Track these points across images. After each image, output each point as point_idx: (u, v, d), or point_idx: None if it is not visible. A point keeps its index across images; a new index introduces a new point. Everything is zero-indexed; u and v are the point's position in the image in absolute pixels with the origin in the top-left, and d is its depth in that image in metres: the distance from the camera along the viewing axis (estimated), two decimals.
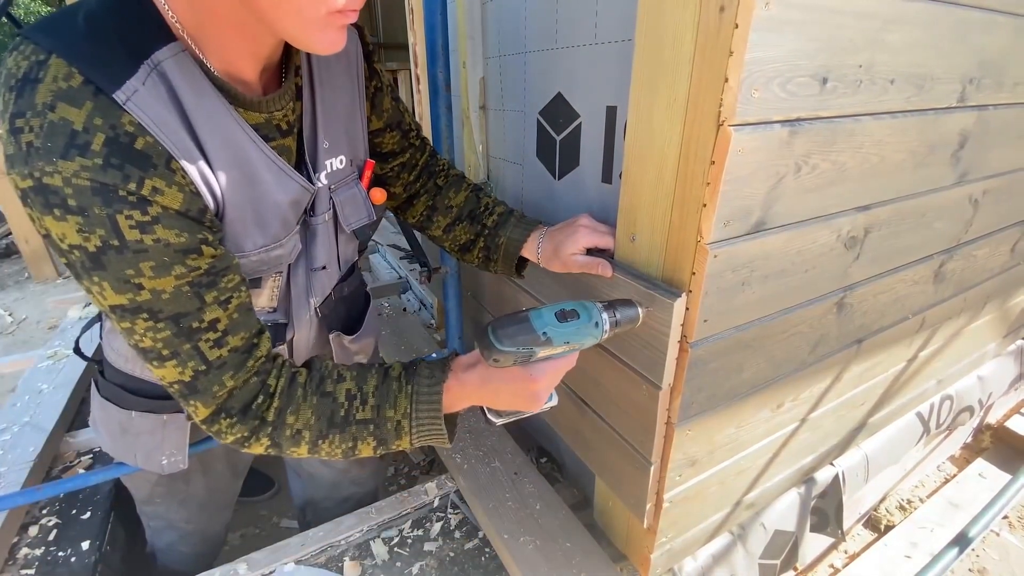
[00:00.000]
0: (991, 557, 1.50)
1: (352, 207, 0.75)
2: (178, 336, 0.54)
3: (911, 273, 1.01)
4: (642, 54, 0.65)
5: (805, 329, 0.86)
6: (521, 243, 0.84)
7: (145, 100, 0.48)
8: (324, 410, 0.62)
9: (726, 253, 0.66)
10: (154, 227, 0.49)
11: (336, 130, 0.70)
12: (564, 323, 0.60)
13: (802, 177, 0.68)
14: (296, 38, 0.51)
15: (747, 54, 0.53)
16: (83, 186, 0.45)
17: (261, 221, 0.61)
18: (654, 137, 0.66)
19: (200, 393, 0.58)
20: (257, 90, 0.59)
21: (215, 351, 0.57)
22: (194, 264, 0.52)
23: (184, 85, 0.51)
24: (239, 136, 0.56)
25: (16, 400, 1.53)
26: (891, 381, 1.21)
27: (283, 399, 0.61)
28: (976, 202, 1.06)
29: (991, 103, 0.92)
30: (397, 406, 0.63)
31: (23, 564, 1.09)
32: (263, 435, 0.62)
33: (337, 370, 0.66)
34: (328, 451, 0.64)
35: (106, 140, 0.45)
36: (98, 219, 0.46)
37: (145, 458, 0.83)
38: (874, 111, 0.71)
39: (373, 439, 0.64)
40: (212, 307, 0.55)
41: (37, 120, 0.44)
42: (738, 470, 0.96)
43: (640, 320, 0.66)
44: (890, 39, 0.66)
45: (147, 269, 0.50)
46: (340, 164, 0.71)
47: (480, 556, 1.05)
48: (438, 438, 0.66)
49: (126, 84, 0.47)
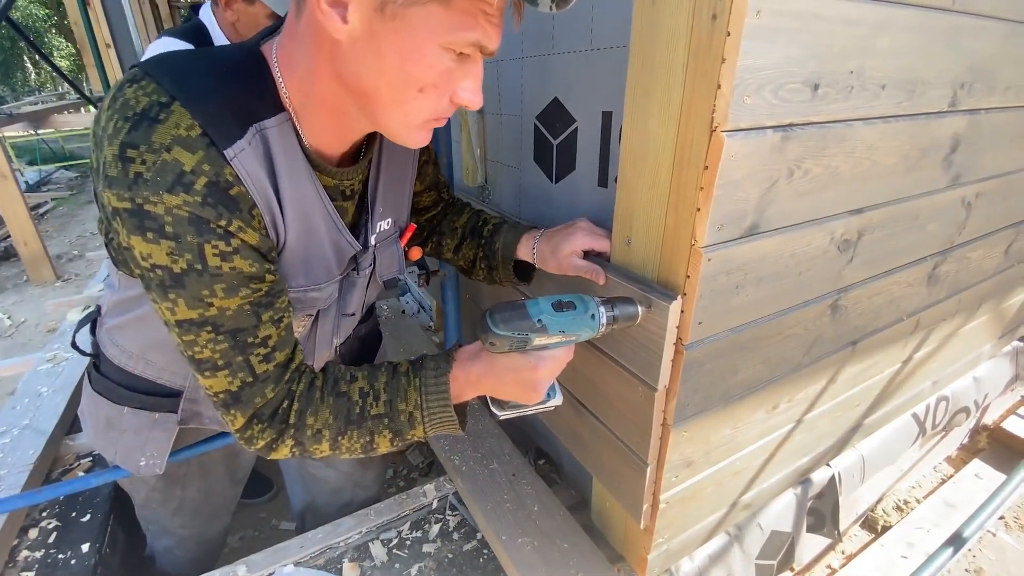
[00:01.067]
0: (987, 557, 1.50)
1: (388, 262, 0.83)
2: (234, 349, 0.60)
3: (905, 275, 1.02)
4: (636, 60, 0.66)
5: (800, 331, 0.87)
6: (515, 245, 0.87)
7: (248, 158, 0.55)
8: (340, 409, 0.67)
9: (720, 256, 0.66)
10: (233, 257, 0.56)
11: (388, 197, 0.78)
12: (560, 312, 0.62)
13: (795, 181, 0.69)
14: (394, 135, 0.61)
15: (739, 61, 0.54)
16: (182, 216, 0.52)
17: (308, 265, 0.68)
18: (648, 142, 0.67)
19: (243, 404, 0.63)
20: (335, 159, 0.67)
21: (263, 365, 0.62)
22: (257, 287, 0.59)
23: (279, 149, 0.59)
24: (311, 194, 0.64)
25: (15, 403, 1.53)
26: (886, 382, 1.22)
27: (302, 402, 0.66)
28: (969, 205, 1.07)
29: (982, 107, 0.93)
30: (408, 398, 0.68)
31: (23, 566, 1.09)
32: (288, 437, 0.66)
33: (349, 371, 0.70)
34: (348, 446, 0.69)
35: (207, 183, 0.52)
36: (188, 246, 0.53)
37: (124, 456, 0.84)
38: (866, 116, 0.73)
39: (389, 431, 0.68)
40: (267, 324, 0.61)
41: (152, 156, 0.50)
42: (734, 471, 0.97)
43: (639, 318, 0.67)
44: (880, 45, 0.67)
45: (220, 291, 0.56)
46: (387, 226, 0.80)
47: (478, 557, 1.06)
48: (450, 426, 0.70)
49: (236, 143, 0.54)
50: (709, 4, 0.55)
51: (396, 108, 0.56)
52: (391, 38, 0.51)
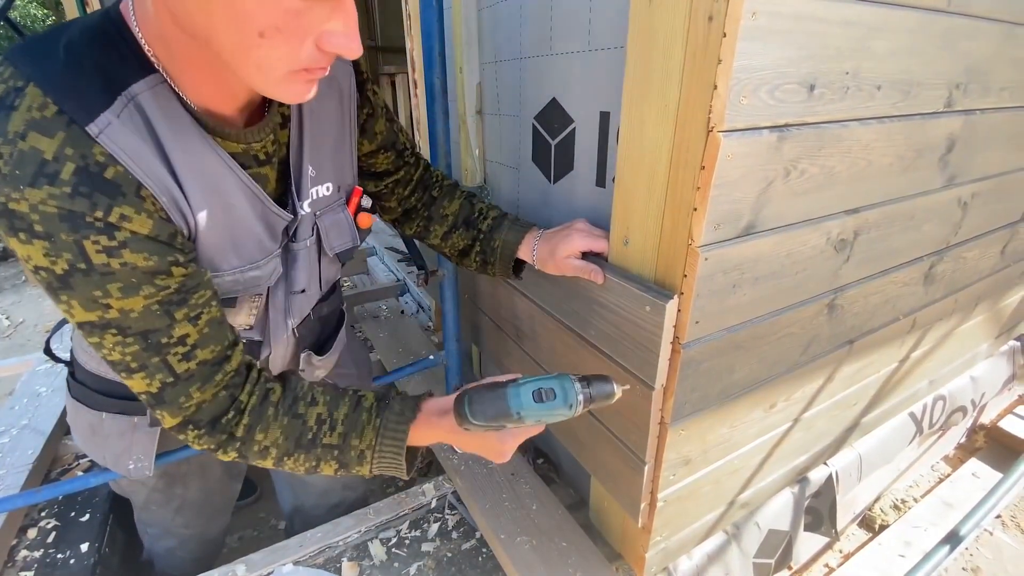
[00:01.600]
0: (985, 556, 1.51)
1: (336, 232, 0.77)
2: (147, 351, 0.55)
3: (901, 275, 1.02)
4: (633, 61, 0.66)
5: (796, 330, 0.87)
6: (516, 245, 0.86)
7: (118, 132, 0.48)
8: (293, 431, 0.65)
9: (717, 256, 0.67)
10: (121, 251, 0.50)
11: (322, 159, 0.71)
12: (539, 404, 0.61)
13: (791, 181, 0.69)
14: (260, 89, 0.52)
15: (735, 62, 0.55)
16: (50, 213, 0.46)
17: (237, 244, 0.63)
18: (646, 142, 0.68)
19: (167, 404, 0.59)
20: (238, 122, 0.60)
21: (183, 364, 0.58)
22: (163, 284, 0.53)
23: (160, 116, 0.51)
24: (216, 165, 0.57)
25: (14, 403, 1.53)
26: (883, 381, 1.23)
27: (253, 416, 0.63)
28: (965, 205, 1.07)
29: (978, 107, 0.94)
30: (363, 436, 0.66)
31: (22, 566, 1.09)
32: (231, 448, 0.64)
33: (311, 393, 0.67)
34: (292, 467, 0.67)
35: (76, 169, 0.46)
36: (65, 244, 0.47)
37: (114, 460, 0.83)
38: (861, 116, 0.73)
39: (336, 462, 0.67)
40: (182, 323, 0.56)
41: (8, 148, 0.44)
42: (732, 469, 0.97)
43: (615, 398, 0.66)
44: (876, 46, 0.68)
45: (115, 290, 0.51)
46: (327, 191, 0.73)
47: (477, 556, 1.06)
48: (396, 471, 0.68)
49: (100, 117, 0.47)
50: (705, 6, 0.55)
51: (243, 56, 0.47)
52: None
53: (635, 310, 0.74)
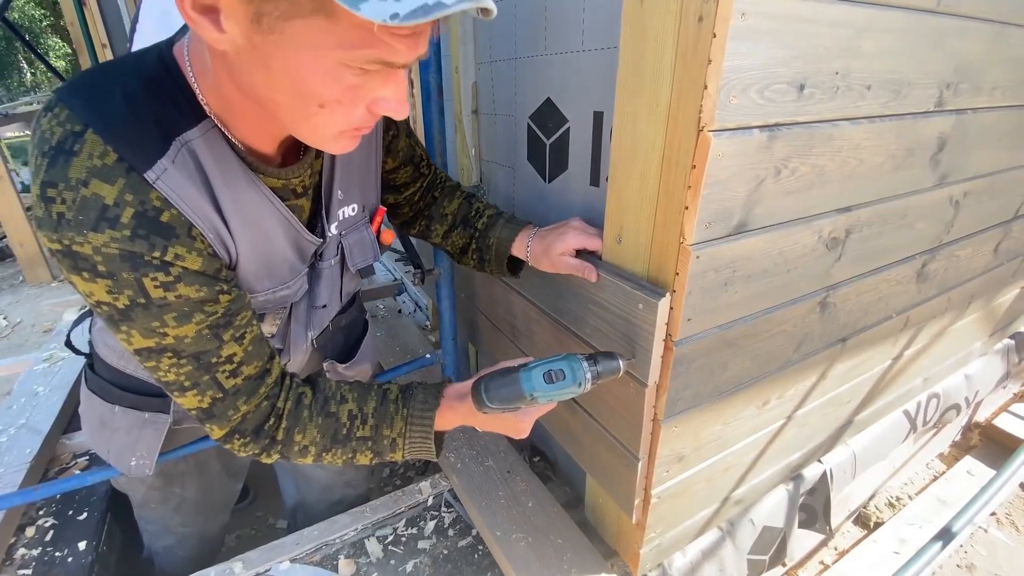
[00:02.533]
0: (979, 553, 1.52)
1: (360, 249, 0.81)
2: (198, 370, 0.60)
3: (894, 273, 1.03)
4: (626, 62, 0.67)
5: (789, 328, 0.88)
6: (510, 242, 0.87)
7: (173, 177, 0.52)
8: (328, 429, 0.69)
9: (708, 254, 0.67)
10: (176, 286, 0.54)
11: (350, 182, 0.75)
12: (551, 384, 0.65)
13: (782, 180, 0.70)
14: (310, 144, 0.58)
15: (725, 62, 0.55)
16: (112, 254, 0.49)
17: (271, 269, 0.67)
18: (638, 142, 0.68)
19: (216, 418, 0.64)
20: (276, 159, 0.65)
21: (231, 380, 0.62)
22: (212, 310, 0.58)
23: (210, 159, 0.55)
24: (257, 199, 0.61)
25: (12, 403, 1.54)
26: (877, 379, 1.23)
27: (290, 420, 0.67)
28: (957, 203, 1.08)
29: (969, 107, 0.95)
30: (393, 426, 0.71)
31: (20, 564, 1.09)
32: (274, 451, 0.69)
33: (340, 391, 0.72)
34: (331, 460, 0.72)
35: (134, 214, 0.50)
36: (126, 282, 0.51)
37: (117, 455, 0.85)
38: (852, 116, 0.74)
39: (370, 452, 0.72)
40: (229, 343, 0.60)
41: (70, 194, 0.47)
42: (725, 466, 0.98)
43: (621, 372, 0.70)
44: (865, 46, 0.68)
45: (170, 320, 0.55)
46: (352, 211, 0.77)
47: (473, 554, 1.07)
48: (427, 453, 0.74)
49: (157, 164, 0.51)
50: (695, 6, 0.56)
51: (301, 122, 0.52)
52: (275, 53, 0.45)
53: (628, 308, 0.75)
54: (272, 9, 0.42)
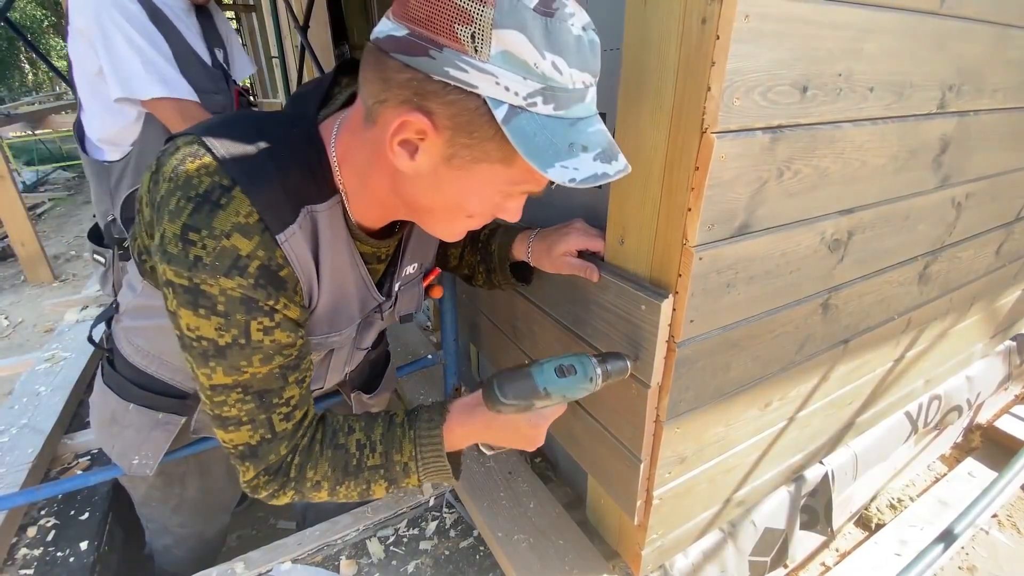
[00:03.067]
0: (980, 555, 1.52)
1: (408, 300, 0.85)
2: (259, 408, 0.62)
3: (896, 274, 1.03)
4: (629, 63, 0.67)
5: (791, 329, 0.88)
6: (509, 245, 0.88)
7: (297, 240, 0.58)
8: (339, 461, 0.70)
9: (711, 256, 0.68)
10: (275, 331, 0.59)
11: (417, 248, 0.80)
12: (563, 378, 0.66)
13: (784, 182, 0.70)
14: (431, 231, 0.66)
15: (728, 64, 0.56)
16: (235, 297, 0.55)
17: (335, 318, 0.71)
18: (641, 143, 0.68)
19: (258, 458, 0.65)
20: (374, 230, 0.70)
21: (283, 423, 0.65)
22: (289, 353, 0.62)
23: (327, 227, 0.62)
24: (348, 261, 0.67)
25: (14, 402, 1.54)
26: (878, 381, 1.23)
27: (303, 456, 0.68)
28: (959, 205, 1.08)
29: (971, 109, 0.95)
30: (403, 450, 0.71)
31: (22, 564, 1.10)
32: (289, 489, 0.69)
33: (347, 423, 0.73)
34: (345, 494, 0.72)
35: (260, 266, 0.55)
36: (236, 322, 0.56)
37: (121, 452, 0.86)
38: (854, 118, 0.74)
39: (384, 480, 0.72)
40: (292, 386, 0.64)
41: (212, 242, 0.52)
42: (727, 468, 0.98)
43: (629, 372, 0.70)
44: (868, 49, 0.69)
45: (256, 360, 0.59)
46: (412, 270, 0.82)
47: (475, 554, 1.07)
48: (443, 474, 0.73)
49: (288, 228, 0.57)
50: (699, 8, 0.56)
51: (445, 223, 0.62)
52: (453, 182, 0.55)
53: (630, 309, 0.75)
54: (466, 154, 0.52)
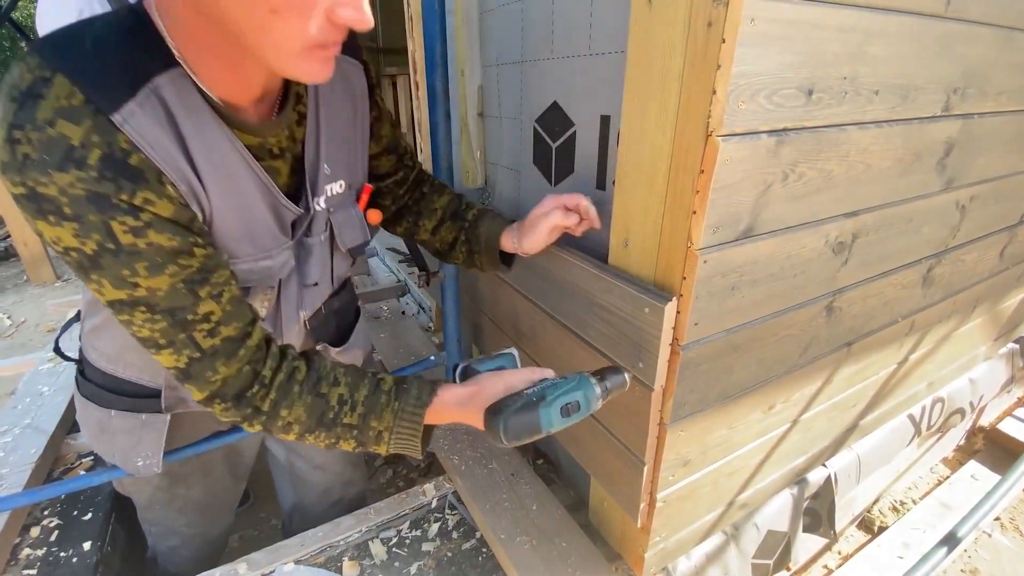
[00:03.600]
0: (983, 558, 1.51)
1: (349, 228, 0.80)
2: (174, 327, 0.58)
3: (899, 277, 1.03)
4: (634, 66, 0.67)
5: (795, 332, 0.88)
6: (500, 230, 0.87)
7: (141, 121, 0.51)
8: (316, 410, 0.67)
9: (716, 258, 0.68)
10: (147, 231, 0.52)
11: (336, 158, 0.74)
12: (567, 417, 0.64)
13: (789, 185, 0.70)
14: (280, 69, 0.54)
15: (734, 67, 0.56)
16: (78, 195, 0.48)
17: (251, 232, 0.65)
18: (645, 146, 0.68)
19: (195, 378, 0.62)
20: (253, 115, 0.63)
21: (208, 340, 0.60)
22: (186, 263, 0.56)
23: (180, 107, 0.54)
24: (231, 155, 0.60)
25: (17, 402, 1.54)
26: (882, 383, 1.23)
27: (279, 393, 0.66)
28: (963, 208, 1.08)
29: (976, 112, 0.95)
30: (382, 418, 0.69)
31: (25, 564, 1.10)
32: (256, 422, 0.66)
33: (334, 373, 0.70)
34: (312, 441, 0.70)
35: (102, 156, 0.49)
36: (93, 225, 0.50)
37: (122, 458, 0.85)
38: (859, 121, 0.74)
39: (354, 440, 0.70)
40: (206, 301, 0.59)
41: (36, 134, 0.47)
42: (730, 470, 0.98)
43: (627, 386, 0.69)
44: (873, 52, 0.68)
45: (142, 269, 0.53)
46: (340, 188, 0.76)
47: (477, 556, 1.07)
48: (412, 451, 0.72)
49: (124, 107, 0.50)
50: (705, 12, 0.56)
51: (260, 35, 0.50)
52: None
53: (634, 312, 0.75)
54: None
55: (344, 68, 0.72)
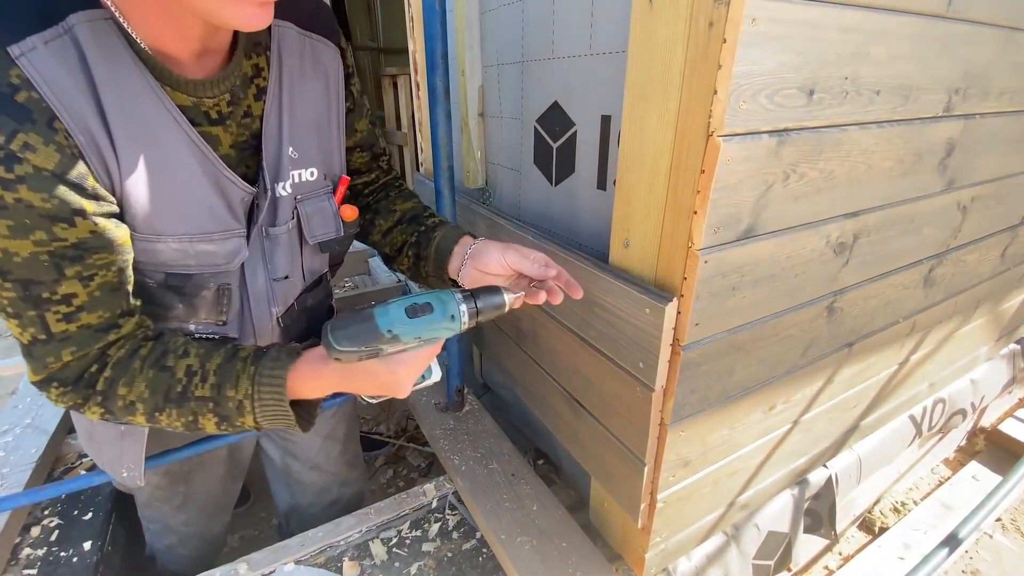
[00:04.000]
0: (984, 559, 1.51)
1: (319, 220, 0.74)
2: (24, 301, 0.52)
3: (901, 278, 1.03)
4: (635, 66, 0.67)
5: (796, 332, 0.88)
6: (455, 241, 0.75)
7: (42, 59, 0.46)
8: (160, 385, 0.60)
9: (716, 259, 0.67)
10: (18, 186, 0.46)
11: (306, 142, 0.69)
12: (414, 319, 0.56)
13: (790, 185, 0.70)
14: (212, 15, 0.48)
15: (735, 67, 0.56)
16: None
17: (182, 206, 0.59)
18: (646, 146, 0.68)
19: (33, 359, 0.56)
20: (196, 73, 0.57)
21: (62, 324, 0.54)
22: (60, 234, 0.50)
23: (96, 52, 0.49)
24: (154, 111, 0.54)
25: (17, 402, 1.54)
26: (883, 384, 1.23)
27: (116, 370, 0.59)
28: (964, 208, 1.08)
29: (977, 112, 0.95)
30: (239, 386, 0.60)
31: (25, 564, 1.10)
32: (94, 404, 0.60)
33: (185, 346, 0.62)
34: (168, 423, 0.62)
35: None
36: None
37: (109, 466, 0.84)
38: (860, 121, 0.74)
39: (214, 415, 0.61)
40: (70, 281, 0.53)
41: None
42: (731, 471, 0.98)
43: (507, 307, 0.60)
44: (875, 52, 0.68)
45: (4, 228, 0.47)
46: (311, 176, 0.71)
47: (478, 556, 1.06)
48: (285, 421, 0.63)
49: (26, 40, 0.45)
50: (706, 12, 0.56)
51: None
52: None
53: (635, 312, 0.75)
54: None
55: (317, 49, 0.69)
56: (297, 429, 0.64)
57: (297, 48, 0.67)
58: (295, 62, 0.67)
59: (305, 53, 0.68)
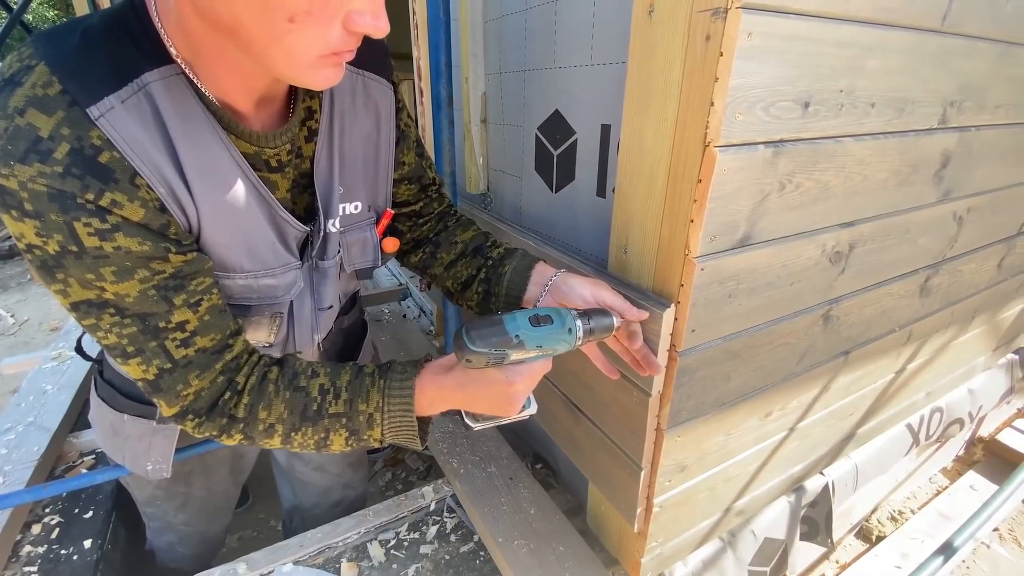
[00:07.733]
0: (981, 568, 1.51)
1: (359, 249, 0.76)
2: (144, 333, 0.55)
3: (897, 287, 1.04)
4: (634, 77, 0.68)
5: (792, 340, 0.89)
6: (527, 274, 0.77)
7: (120, 117, 0.48)
8: (297, 404, 0.63)
9: (713, 266, 0.69)
10: (114, 235, 0.49)
11: (354, 177, 0.71)
12: (537, 327, 0.60)
13: (786, 195, 0.71)
14: (290, 78, 0.51)
15: (731, 80, 0.57)
16: (39, 191, 0.46)
17: (250, 247, 0.62)
18: (645, 155, 0.70)
19: (164, 392, 0.58)
20: (255, 121, 0.60)
21: (181, 350, 0.57)
22: (159, 268, 0.53)
23: (170, 107, 0.51)
24: (223, 159, 0.57)
25: (20, 400, 1.55)
26: (879, 392, 1.24)
27: (253, 396, 0.62)
28: (960, 219, 1.09)
29: (973, 124, 0.96)
30: (369, 400, 0.64)
31: (26, 561, 1.11)
32: (235, 431, 0.63)
33: (312, 367, 0.66)
34: (301, 442, 0.65)
35: (70, 150, 0.46)
36: (55, 224, 0.47)
37: (132, 461, 0.85)
38: (856, 133, 0.75)
39: (345, 431, 0.65)
40: (181, 309, 0.56)
41: (4, 123, 0.44)
42: (727, 477, 0.98)
43: (615, 329, 0.66)
44: (870, 66, 0.70)
45: (109, 274, 0.50)
46: (355, 209, 0.73)
47: (475, 559, 1.07)
48: (409, 434, 0.66)
49: (103, 100, 0.47)
50: (703, 25, 0.57)
51: (272, 44, 0.46)
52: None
53: None
54: None
55: (369, 86, 0.70)
56: (417, 442, 0.67)
57: (349, 86, 0.68)
58: (347, 100, 0.67)
59: (357, 90, 0.69)
